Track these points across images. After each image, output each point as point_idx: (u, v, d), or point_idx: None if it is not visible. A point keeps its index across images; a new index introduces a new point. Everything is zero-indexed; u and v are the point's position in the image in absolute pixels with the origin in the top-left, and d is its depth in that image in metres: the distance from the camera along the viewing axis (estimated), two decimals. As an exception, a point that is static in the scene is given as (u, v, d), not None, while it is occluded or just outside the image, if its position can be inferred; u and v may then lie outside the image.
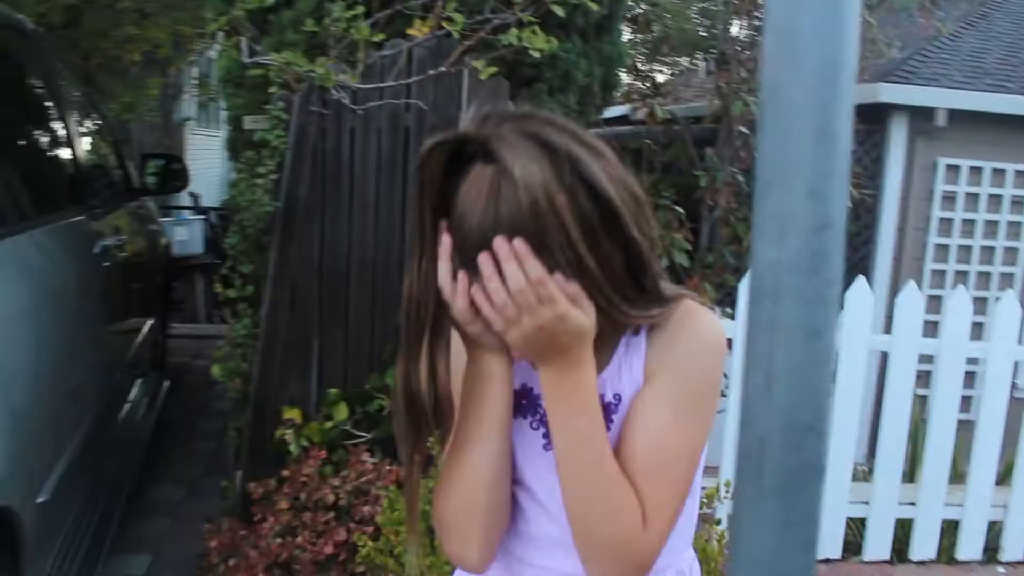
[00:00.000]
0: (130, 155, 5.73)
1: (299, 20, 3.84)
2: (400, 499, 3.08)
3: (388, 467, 3.45)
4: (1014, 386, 4.42)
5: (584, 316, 1.14)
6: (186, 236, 8.49)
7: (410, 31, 3.46)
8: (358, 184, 3.80)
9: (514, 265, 1.09)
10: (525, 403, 1.33)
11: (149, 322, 4.82)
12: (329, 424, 3.67)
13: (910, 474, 4.54)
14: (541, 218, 1.08)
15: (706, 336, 1.26)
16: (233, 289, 3.63)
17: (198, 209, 10.12)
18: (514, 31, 3.38)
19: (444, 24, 3.38)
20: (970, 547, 4.44)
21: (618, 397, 1.28)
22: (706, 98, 7.22)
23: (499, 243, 1.09)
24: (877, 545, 4.39)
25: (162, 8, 7.41)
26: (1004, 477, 4.58)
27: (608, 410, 1.27)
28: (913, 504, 4.36)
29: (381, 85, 3.65)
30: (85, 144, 4.07)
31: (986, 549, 4.47)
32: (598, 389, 1.22)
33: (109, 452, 3.57)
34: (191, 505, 4.43)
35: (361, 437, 3.70)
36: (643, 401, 1.25)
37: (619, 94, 5.20)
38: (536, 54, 3.30)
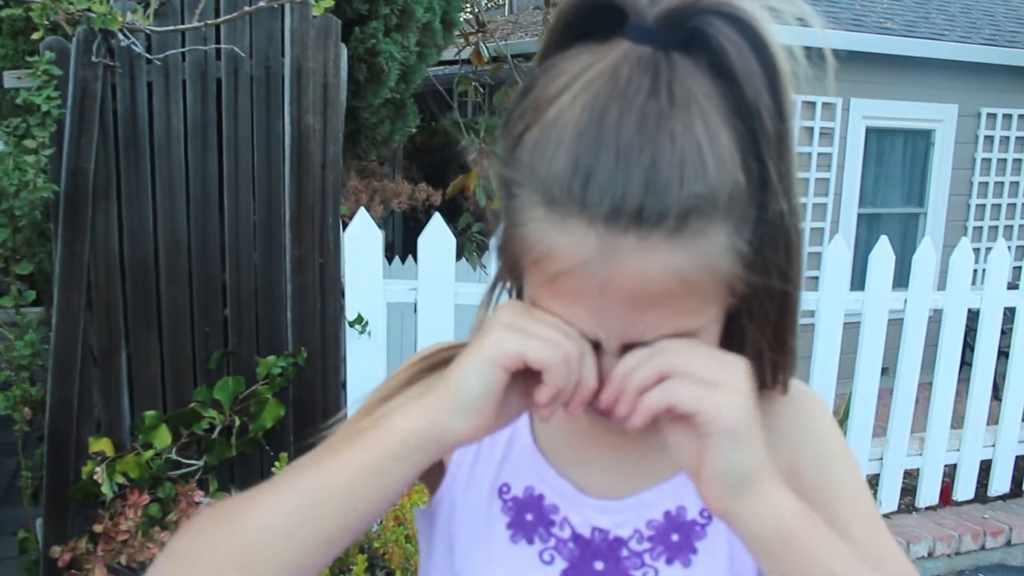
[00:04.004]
0: None
1: (68, -53, 2.82)
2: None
3: (230, 507, 2.58)
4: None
5: None
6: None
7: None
8: (161, 153, 2.83)
9: None
10: (531, 519, 0.80)
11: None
12: (149, 454, 2.75)
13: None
14: None
15: (822, 409, 0.86)
16: (8, 297, 2.63)
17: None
18: (351, -47, 2.50)
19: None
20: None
21: (707, 515, 0.79)
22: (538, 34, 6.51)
23: None
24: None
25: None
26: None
27: (690, 534, 0.79)
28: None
29: (182, 27, 2.70)
30: None
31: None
32: (668, 500, 0.80)
33: None
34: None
35: (191, 465, 2.80)
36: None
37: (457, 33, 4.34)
38: (385, -21, 2.43)
